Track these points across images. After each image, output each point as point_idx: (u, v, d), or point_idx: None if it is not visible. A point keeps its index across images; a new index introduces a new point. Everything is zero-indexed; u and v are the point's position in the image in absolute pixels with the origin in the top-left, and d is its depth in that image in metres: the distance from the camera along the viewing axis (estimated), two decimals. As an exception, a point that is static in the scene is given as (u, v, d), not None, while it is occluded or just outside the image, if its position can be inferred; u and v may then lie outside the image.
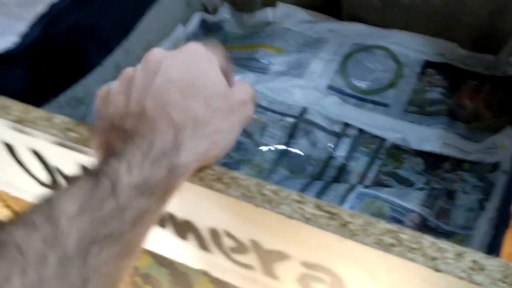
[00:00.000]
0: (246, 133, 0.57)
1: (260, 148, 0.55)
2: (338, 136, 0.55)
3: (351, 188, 0.49)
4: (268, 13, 0.70)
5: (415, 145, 0.52)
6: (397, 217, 0.47)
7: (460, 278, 0.21)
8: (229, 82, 0.30)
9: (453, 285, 0.21)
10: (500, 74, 0.56)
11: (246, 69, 0.64)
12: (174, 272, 0.41)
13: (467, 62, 0.58)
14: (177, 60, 0.28)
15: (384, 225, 0.23)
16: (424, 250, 0.22)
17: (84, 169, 0.24)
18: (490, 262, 0.21)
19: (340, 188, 0.49)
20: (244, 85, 0.30)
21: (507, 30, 0.55)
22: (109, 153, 0.25)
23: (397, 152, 0.53)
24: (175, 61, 0.27)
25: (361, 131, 0.55)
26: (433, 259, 0.21)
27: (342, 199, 0.48)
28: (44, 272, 0.20)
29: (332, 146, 0.54)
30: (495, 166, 0.48)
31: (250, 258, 0.29)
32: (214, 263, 0.32)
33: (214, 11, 0.71)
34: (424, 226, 0.47)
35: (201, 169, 0.27)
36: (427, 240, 0.22)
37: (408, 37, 0.61)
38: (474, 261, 0.21)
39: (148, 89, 0.26)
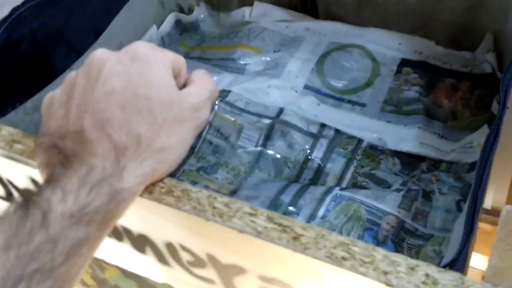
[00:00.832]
0: (222, 135, 0.56)
1: (237, 151, 0.54)
2: (315, 137, 0.54)
3: (328, 190, 0.48)
4: (245, 12, 0.68)
5: (392, 145, 0.51)
6: (374, 220, 0.46)
7: (412, 293, 0.20)
8: (183, 83, 0.28)
9: (407, 300, 0.20)
10: (478, 71, 0.55)
11: (223, 69, 0.63)
12: (141, 284, 0.40)
13: (444, 60, 0.56)
14: (120, 63, 0.25)
15: (336, 237, 0.22)
16: (376, 263, 0.21)
17: (16, 199, 0.23)
18: (443, 276, 0.20)
19: (317, 191, 0.48)
20: (200, 84, 0.28)
21: (484, 26, 0.54)
22: (46, 179, 0.24)
23: (374, 152, 0.52)
24: (118, 66, 0.25)
25: (337, 131, 0.54)
26: (385, 273, 0.20)
27: (319, 202, 0.47)
28: None
29: (309, 148, 0.53)
30: (472, 166, 0.47)
31: (209, 273, 0.28)
32: (176, 277, 0.31)
33: (190, 11, 0.70)
34: (401, 229, 0.46)
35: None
36: (379, 253, 0.21)
37: (385, 35, 0.60)
38: (427, 275, 0.20)
39: (88, 103, 0.24)
